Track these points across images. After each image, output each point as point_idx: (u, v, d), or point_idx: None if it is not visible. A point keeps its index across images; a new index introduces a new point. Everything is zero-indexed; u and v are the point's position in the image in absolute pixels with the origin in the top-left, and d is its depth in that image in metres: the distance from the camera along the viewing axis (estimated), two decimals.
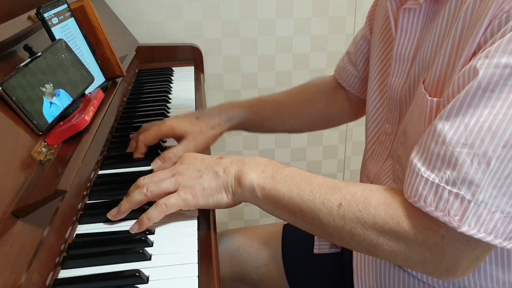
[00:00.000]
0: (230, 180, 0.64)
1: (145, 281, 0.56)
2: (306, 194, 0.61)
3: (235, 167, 0.65)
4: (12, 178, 0.57)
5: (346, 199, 0.59)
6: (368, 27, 0.90)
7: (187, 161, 0.67)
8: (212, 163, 0.66)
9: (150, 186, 0.64)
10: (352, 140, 1.78)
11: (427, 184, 0.53)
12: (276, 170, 0.64)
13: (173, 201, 0.63)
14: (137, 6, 1.50)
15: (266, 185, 0.63)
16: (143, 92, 1.20)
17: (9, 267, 0.49)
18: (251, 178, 0.63)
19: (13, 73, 0.66)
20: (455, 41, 0.58)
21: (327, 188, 0.60)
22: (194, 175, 0.64)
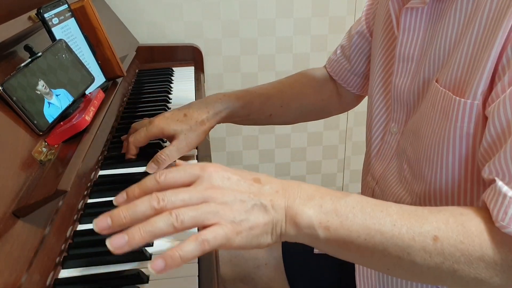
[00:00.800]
0: (281, 218, 0.51)
1: (145, 281, 0.57)
2: (389, 229, 0.50)
3: (283, 200, 0.51)
4: (12, 178, 0.57)
5: (440, 230, 0.50)
6: (366, 24, 0.89)
7: (219, 182, 0.51)
8: (255, 191, 0.51)
9: (182, 215, 0.47)
10: (352, 140, 1.78)
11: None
12: (337, 201, 0.52)
13: (218, 238, 0.48)
14: (137, 6, 1.50)
15: (331, 223, 0.50)
16: (143, 92, 1.20)
17: (10, 267, 0.49)
18: (309, 217, 0.50)
19: (13, 73, 0.66)
20: (477, 39, 0.56)
21: (411, 218, 0.51)
22: (238, 206, 0.49)
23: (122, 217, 0.48)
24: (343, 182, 1.86)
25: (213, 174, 0.51)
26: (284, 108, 0.93)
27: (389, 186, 0.74)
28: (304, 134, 1.75)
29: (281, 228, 0.51)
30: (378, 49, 0.79)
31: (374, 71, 0.80)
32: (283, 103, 0.93)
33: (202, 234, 0.47)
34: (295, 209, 0.51)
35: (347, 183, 1.86)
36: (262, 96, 0.91)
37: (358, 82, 0.94)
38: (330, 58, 0.97)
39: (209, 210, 0.48)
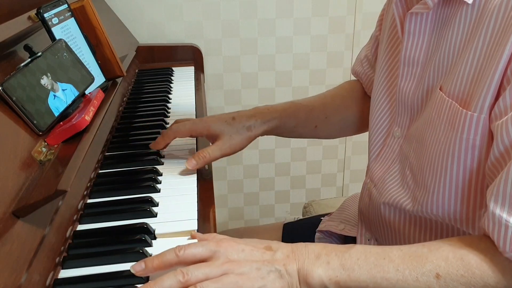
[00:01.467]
0: (295, 281, 0.55)
1: (145, 281, 0.56)
2: (393, 275, 0.54)
3: (294, 264, 0.56)
4: (12, 178, 0.57)
5: (441, 267, 0.53)
6: (379, 29, 0.89)
7: (234, 255, 0.56)
8: (268, 258, 0.56)
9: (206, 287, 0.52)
10: (352, 140, 1.78)
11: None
12: (342, 255, 0.56)
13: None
14: (137, 6, 1.50)
15: (339, 277, 0.55)
16: (143, 92, 1.20)
17: (9, 267, 0.49)
18: (319, 275, 0.55)
19: (13, 73, 0.66)
20: (484, 48, 0.56)
21: (413, 260, 0.54)
22: (254, 274, 0.54)
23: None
24: (343, 182, 1.86)
25: (228, 249, 0.56)
26: (329, 119, 0.93)
27: (387, 189, 0.74)
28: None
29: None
30: (383, 52, 0.79)
31: (378, 74, 0.79)
32: (328, 115, 0.92)
33: None
34: (306, 270, 0.55)
35: (347, 183, 1.86)
36: (306, 107, 0.91)
37: None
38: (357, 71, 0.95)
39: (229, 281, 0.52)
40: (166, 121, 1.02)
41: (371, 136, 0.80)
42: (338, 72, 1.66)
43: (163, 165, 0.83)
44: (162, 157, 0.85)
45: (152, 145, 0.82)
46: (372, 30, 0.97)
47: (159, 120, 1.01)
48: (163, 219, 0.68)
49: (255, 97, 1.65)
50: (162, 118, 1.02)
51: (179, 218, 0.69)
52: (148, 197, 0.72)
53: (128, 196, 0.73)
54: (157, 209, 0.70)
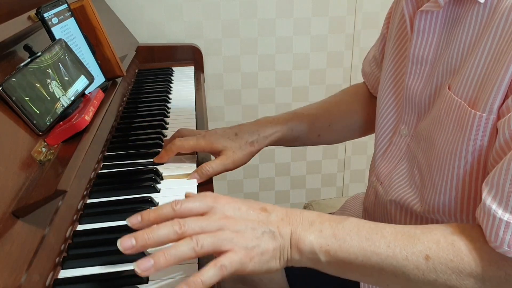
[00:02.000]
0: (287, 244, 0.56)
1: (145, 281, 0.56)
2: (384, 250, 0.54)
3: (288, 227, 0.56)
4: (12, 178, 0.57)
5: (432, 250, 0.54)
6: (386, 28, 0.88)
7: (231, 212, 0.57)
8: (264, 219, 0.57)
9: (202, 240, 0.52)
10: (352, 140, 1.78)
11: (509, 228, 0.51)
12: (336, 226, 0.56)
13: (234, 263, 0.53)
14: (137, 6, 1.50)
15: (330, 246, 0.55)
16: (143, 92, 1.20)
17: (9, 267, 0.49)
18: (310, 241, 0.55)
19: (13, 73, 0.66)
20: (492, 48, 0.56)
21: (404, 239, 0.55)
22: (250, 234, 0.55)
23: (146, 238, 0.52)
24: (343, 182, 1.86)
25: (225, 205, 0.57)
26: (333, 127, 0.93)
27: (394, 187, 0.74)
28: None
29: (287, 254, 0.56)
30: (391, 50, 0.78)
31: (385, 71, 0.79)
32: (331, 123, 0.93)
33: (220, 260, 0.52)
34: (298, 235, 0.55)
35: (347, 183, 1.86)
36: (310, 117, 0.91)
37: None
38: (365, 72, 0.95)
39: (224, 237, 0.53)
40: (166, 121, 1.02)
41: (378, 134, 0.80)
42: (338, 72, 1.66)
43: (163, 165, 0.83)
44: None
45: (155, 159, 0.83)
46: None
47: (159, 120, 1.01)
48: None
49: (255, 97, 1.65)
50: (162, 118, 1.02)
51: None
52: (148, 197, 0.72)
53: (128, 196, 0.73)
54: None
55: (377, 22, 1.58)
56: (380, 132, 0.79)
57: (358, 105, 0.95)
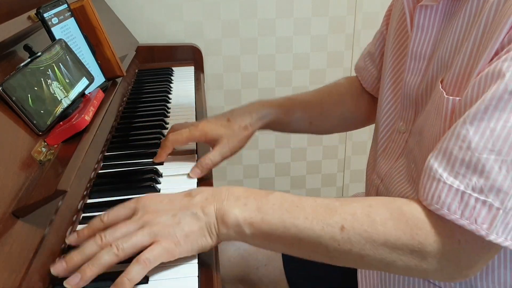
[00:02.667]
0: (213, 220, 0.58)
1: (145, 281, 0.56)
2: (302, 222, 0.56)
3: (213, 205, 0.58)
4: (12, 178, 0.57)
5: (347, 221, 0.55)
6: (385, 24, 0.89)
7: (152, 206, 0.58)
8: (186, 204, 0.58)
9: (121, 244, 0.54)
10: (352, 140, 1.78)
11: (451, 191, 0.52)
12: (260, 199, 0.59)
13: (156, 253, 0.54)
14: (137, 6, 1.50)
15: (253, 219, 0.57)
16: (143, 92, 1.20)
17: (9, 267, 0.49)
18: (235, 215, 0.57)
19: (13, 73, 0.66)
20: (476, 41, 0.57)
21: (323, 211, 0.57)
22: (170, 221, 0.56)
23: (74, 259, 0.54)
24: (343, 182, 1.86)
25: (146, 202, 0.59)
26: (324, 115, 0.93)
27: (394, 184, 0.74)
28: (304, 134, 1.75)
29: (215, 229, 0.58)
30: (391, 46, 0.79)
31: (386, 67, 0.79)
32: (323, 111, 0.93)
33: (142, 255, 0.54)
34: (223, 210, 0.58)
35: (347, 183, 1.86)
36: (302, 103, 0.92)
37: None
38: (358, 66, 0.95)
39: (144, 233, 0.55)
40: (166, 121, 1.02)
41: (378, 131, 0.80)
42: (338, 72, 1.66)
43: (163, 165, 0.83)
44: None
45: (155, 158, 0.83)
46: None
47: (159, 120, 1.01)
48: None
49: (255, 97, 1.65)
50: (162, 118, 1.02)
51: None
52: None
53: (128, 196, 0.73)
54: None
55: (377, 22, 1.57)
56: (381, 129, 0.79)
57: (349, 96, 0.95)
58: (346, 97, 0.96)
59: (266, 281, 0.93)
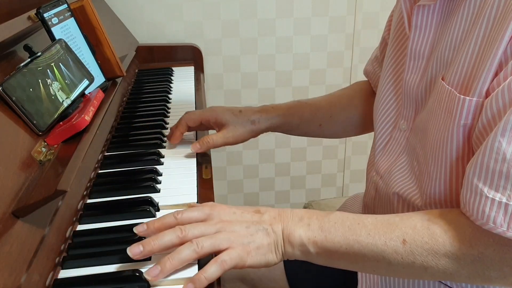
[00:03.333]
0: (280, 239, 0.61)
1: (145, 281, 0.56)
2: (364, 238, 0.59)
3: (280, 224, 0.62)
4: (12, 178, 0.57)
5: (408, 234, 0.58)
6: (387, 30, 0.90)
7: (227, 216, 0.63)
8: (257, 219, 0.62)
9: (202, 242, 0.57)
10: (352, 140, 1.78)
11: (494, 205, 0.53)
12: (322, 219, 0.62)
13: (233, 257, 0.58)
14: (137, 6, 1.50)
15: (317, 238, 0.60)
16: (143, 92, 1.20)
17: (9, 267, 0.49)
18: (299, 235, 0.61)
19: (13, 73, 0.66)
20: (479, 38, 0.58)
21: (383, 227, 0.59)
22: (244, 232, 0.60)
23: (152, 244, 0.58)
24: (343, 182, 1.86)
25: (221, 211, 0.63)
26: (334, 118, 0.95)
27: (395, 180, 0.74)
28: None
29: (281, 247, 0.61)
30: (390, 47, 0.79)
31: (385, 68, 0.80)
32: (333, 114, 0.95)
33: (220, 256, 0.57)
34: (289, 230, 0.61)
35: (347, 183, 1.86)
36: (312, 106, 0.94)
37: None
38: (368, 70, 0.97)
39: (222, 237, 0.59)
40: (166, 121, 1.02)
41: (377, 130, 0.81)
42: (338, 72, 1.66)
43: (163, 165, 0.83)
44: (162, 157, 0.85)
45: (171, 140, 0.88)
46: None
47: (159, 120, 1.01)
48: None
49: (255, 97, 1.65)
50: (162, 118, 1.02)
51: None
52: (148, 197, 0.72)
53: (128, 196, 0.73)
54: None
55: (377, 22, 1.58)
56: (379, 128, 0.80)
57: (359, 100, 0.97)
58: (356, 101, 0.97)
59: (266, 280, 0.93)
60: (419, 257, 0.57)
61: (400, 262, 0.58)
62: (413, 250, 0.57)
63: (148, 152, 0.86)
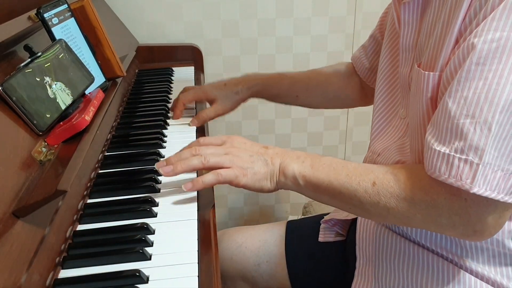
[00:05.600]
0: (276, 169, 0.72)
1: (145, 281, 0.57)
2: (343, 178, 0.68)
3: (279, 158, 0.72)
4: (12, 178, 0.57)
5: (378, 178, 0.65)
6: (378, 28, 0.97)
7: (238, 144, 0.75)
8: (262, 151, 0.73)
9: (209, 157, 0.70)
10: (352, 140, 1.78)
11: (440, 156, 0.60)
12: (314, 159, 0.71)
13: (229, 173, 0.70)
14: (137, 6, 1.50)
15: (306, 173, 0.70)
16: (143, 92, 1.20)
17: (9, 267, 0.49)
18: (293, 168, 0.70)
19: (13, 73, 0.66)
20: (443, 23, 0.65)
21: (361, 170, 0.67)
22: (247, 158, 0.71)
23: (172, 159, 0.72)
24: None
25: (234, 140, 0.76)
26: (310, 91, 1.07)
27: (395, 153, 0.78)
28: (304, 134, 1.75)
29: (276, 177, 0.72)
30: (385, 43, 0.84)
31: (381, 61, 0.85)
32: (309, 87, 1.07)
33: (219, 170, 0.70)
34: (285, 164, 0.71)
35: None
36: (291, 79, 1.06)
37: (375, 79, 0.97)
38: (355, 55, 1.05)
39: (226, 158, 0.71)
40: (166, 121, 1.02)
41: (374, 118, 0.86)
42: None
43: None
44: (162, 157, 0.85)
45: (173, 117, 1.03)
46: (372, 30, 0.99)
47: (159, 120, 1.01)
48: (163, 219, 0.68)
49: None
50: (162, 118, 1.02)
51: (179, 218, 0.69)
52: (148, 197, 0.72)
53: (128, 196, 0.73)
54: (157, 209, 0.71)
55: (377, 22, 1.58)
56: (376, 115, 0.86)
57: (336, 78, 1.08)
58: (334, 77, 1.08)
59: (267, 277, 0.93)
60: (383, 198, 0.64)
61: (368, 200, 0.65)
62: (379, 191, 0.65)
63: (148, 152, 0.86)
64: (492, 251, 0.70)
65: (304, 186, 0.71)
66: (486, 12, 0.58)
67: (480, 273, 0.71)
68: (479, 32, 0.57)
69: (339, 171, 0.68)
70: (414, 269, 0.75)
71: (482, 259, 0.71)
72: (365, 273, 0.81)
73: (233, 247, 0.95)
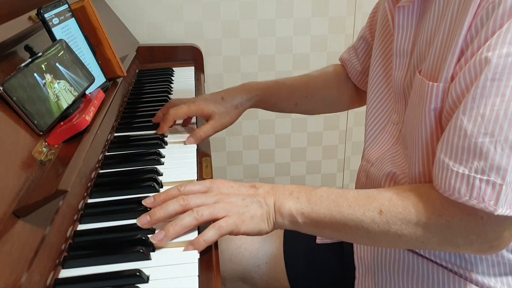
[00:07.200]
0: (271, 210, 0.67)
1: (145, 280, 0.57)
2: (345, 209, 0.64)
3: (272, 197, 0.68)
4: (12, 178, 0.57)
5: (384, 205, 0.63)
6: (368, 28, 0.95)
7: (225, 189, 0.69)
8: (252, 193, 0.69)
9: (201, 211, 0.64)
10: (352, 140, 1.78)
11: (458, 177, 0.58)
12: (309, 193, 0.67)
13: (229, 224, 0.64)
14: (138, 6, 1.50)
15: (305, 210, 0.66)
16: (143, 92, 1.21)
17: (10, 267, 0.49)
18: (289, 207, 0.67)
19: (13, 73, 0.66)
20: (445, 32, 0.63)
21: (363, 199, 0.65)
22: (240, 203, 0.67)
23: (157, 214, 0.64)
24: (343, 182, 1.86)
25: (220, 185, 0.69)
26: (309, 98, 1.03)
27: (387, 163, 0.78)
28: (304, 134, 1.75)
29: (273, 218, 0.67)
30: (377, 44, 0.83)
31: (373, 65, 0.84)
32: (308, 94, 1.03)
33: (218, 222, 0.64)
34: (280, 202, 0.67)
35: (347, 183, 1.86)
36: (289, 87, 1.02)
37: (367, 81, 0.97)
38: (343, 57, 1.03)
39: (220, 207, 0.65)
40: None
41: (367, 124, 0.85)
42: None
43: (163, 165, 0.83)
44: (163, 157, 0.86)
45: (158, 130, 0.93)
46: (361, 30, 1.00)
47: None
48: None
49: None
50: None
51: None
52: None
53: (129, 196, 0.73)
54: None
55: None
56: (369, 121, 0.84)
57: (333, 82, 1.05)
58: (330, 82, 1.04)
59: (267, 278, 0.93)
60: (394, 226, 0.62)
61: (377, 230, 0.63)
62: (388, 219, 0.62)
63: (149, 152, 0.86)
64: (491, 261, 0.70)
65: (303, 224, 0.67)
66: (495, 23, 0.56)
67: (480, 282, 0.71)
68: (493, 45, 0.55)
69: (340, 203, 0.65)
70: (414, 279, 0.74)
71: (482, 269, 0.71)
72: (365, 282, 0.80)
73: (232, 248, 0.95)
